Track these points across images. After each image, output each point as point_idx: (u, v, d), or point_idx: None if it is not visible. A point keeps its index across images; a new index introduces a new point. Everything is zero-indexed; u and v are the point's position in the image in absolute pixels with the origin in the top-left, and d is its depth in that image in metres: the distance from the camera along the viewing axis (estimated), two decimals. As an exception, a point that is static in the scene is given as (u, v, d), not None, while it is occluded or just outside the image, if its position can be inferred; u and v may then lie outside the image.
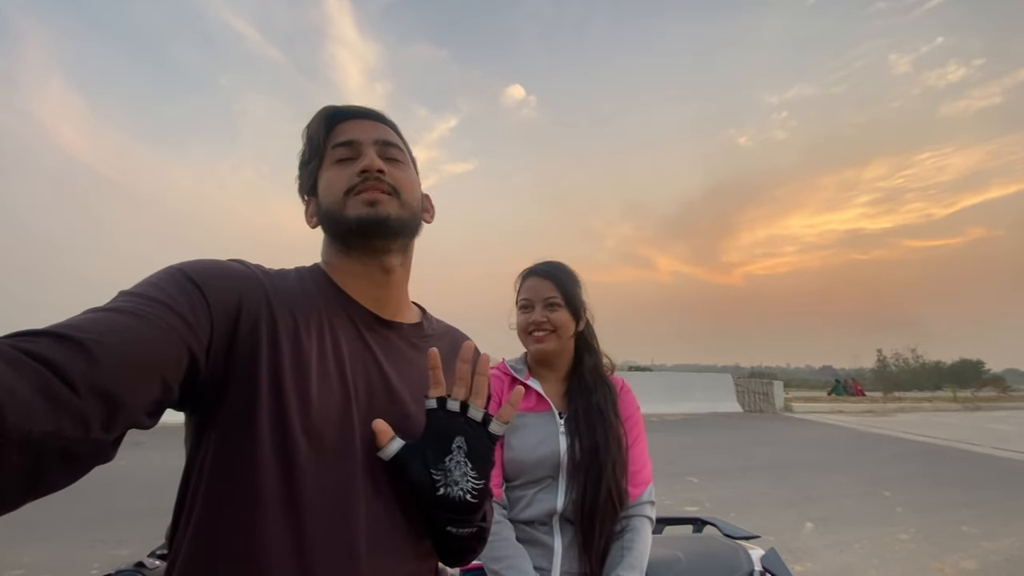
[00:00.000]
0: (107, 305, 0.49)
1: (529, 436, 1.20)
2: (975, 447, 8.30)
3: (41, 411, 0.37)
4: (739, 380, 14.70)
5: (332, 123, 0.72)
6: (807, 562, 3.34)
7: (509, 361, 1.37)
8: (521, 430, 1.20)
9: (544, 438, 1.19)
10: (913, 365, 33.23)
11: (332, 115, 0.72)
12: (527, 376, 1.28)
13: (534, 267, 1.31)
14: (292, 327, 0.61)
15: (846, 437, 9.44)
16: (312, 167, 0.73)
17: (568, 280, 1.27)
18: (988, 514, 4.46)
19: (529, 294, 1.27)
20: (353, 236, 0.68)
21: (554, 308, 1.24)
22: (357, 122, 0.73)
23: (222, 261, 0.62)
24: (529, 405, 1.25)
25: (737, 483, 5.48)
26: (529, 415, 1.23)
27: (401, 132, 0.78)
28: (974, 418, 13.55)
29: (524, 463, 1.17)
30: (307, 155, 0.73)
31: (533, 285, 1.27)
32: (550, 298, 1.25)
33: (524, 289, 1.30)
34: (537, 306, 1.25)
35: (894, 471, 6.29)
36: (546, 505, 1.15)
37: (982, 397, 21.19)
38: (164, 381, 0.48)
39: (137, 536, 3.50)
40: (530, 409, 1.24)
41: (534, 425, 1.22)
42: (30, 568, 2.97)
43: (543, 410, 1.24)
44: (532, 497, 1.17)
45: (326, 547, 0.55)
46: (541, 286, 1.26)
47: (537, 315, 1.24)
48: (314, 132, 0.71)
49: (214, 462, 0.55)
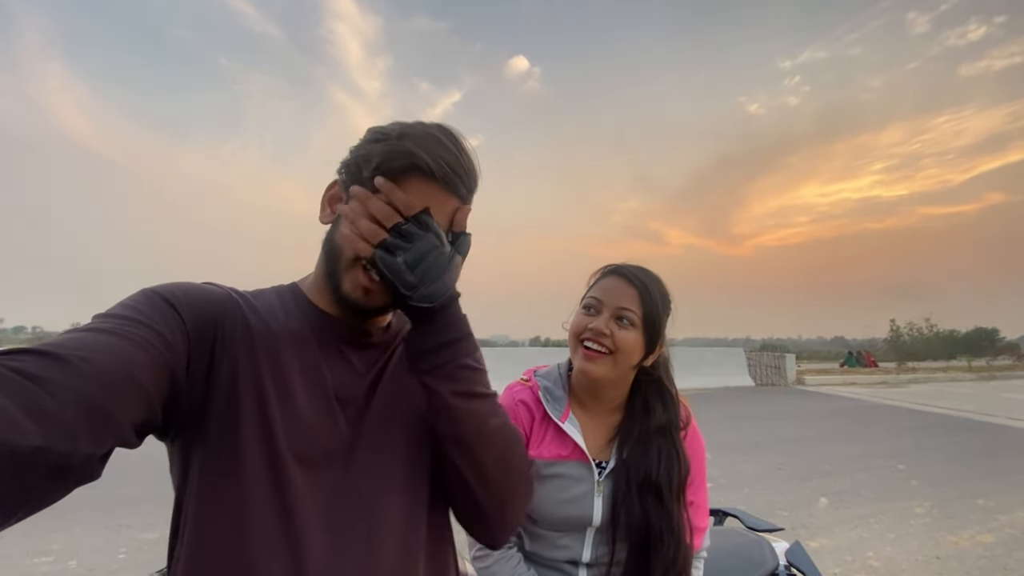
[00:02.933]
0: (85, 326, 0.50)
1: (558, 491, 1.00)
2: (990, 417, 8.24)
3: (29, 426, 0.37)
4: (751, 354, 14.65)
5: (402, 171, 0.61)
6: (822, 538, 3.35)
7: (541, 377, 1.09)
8: (552, 481, 1.00)
9: (576, 496, 0.99)
10: (927, 335, 32.90)
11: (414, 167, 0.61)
12: (565, 415, 1.03)
13: (621, 266, 1.03)
14: (272, 346, 0.61)
15: (859, 409, 9.41)
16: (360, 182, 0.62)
17: (658, 297, 1.00)
18: (1004, 486, 4.44)
19: (600, 294, 1.01)
20: (340, 304, 0.66)
21: (625, 324, 0.98)
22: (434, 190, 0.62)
23: (197, 283, 0.62)
24: (562, 453, 1.01)
25: (750, 458, 5.49)
26: (561, 464, 1.01)
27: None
28: (989, 387, 13.43)
29: (549, 518, 1.01)
30: (364, 168, 0.62)
31: (610, 286, 1.01)
32: (625, 309, 0.98)
33: (597, 287, 1.03)
34: (605, 312, 0.99)
35: (908, 443, 6.27)
36: (571, 553, 1.01)
37: (997, 366, 20.98)
38: (148, 397, 0.49)
39: (165, 519, 3.59)
40: (563, 457, 1.01)
41: (566, 477, 1.01)
42: (59, 554, 3.06)
43: (579, 459, 1.02)
44: (555, 541, 1.02)
45: (323, 565, 0.55)
46: (621, 290, 1.00)
47: (600, 323, 0.98)
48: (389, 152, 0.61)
49: (202, 486, 0.55)
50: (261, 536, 0.54)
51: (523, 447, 0.69)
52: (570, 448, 1.02)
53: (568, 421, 1.03)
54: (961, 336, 37.12)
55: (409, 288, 0.58)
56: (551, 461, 1.01)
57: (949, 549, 3.20)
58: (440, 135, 0.62)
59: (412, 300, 0.59)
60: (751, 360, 14.31)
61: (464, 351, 0.64)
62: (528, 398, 1.06)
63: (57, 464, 0.40)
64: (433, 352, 0.62)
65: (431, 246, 0.59)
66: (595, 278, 1.06)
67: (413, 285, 0.58)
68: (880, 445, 6.17)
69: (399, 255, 0.58)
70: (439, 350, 0.62)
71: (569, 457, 1.01)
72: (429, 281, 0.59)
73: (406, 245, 0.58)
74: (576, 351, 1.01)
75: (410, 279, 0.58)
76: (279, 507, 0.55)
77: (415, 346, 0.63)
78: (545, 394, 1.05)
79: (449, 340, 0.62)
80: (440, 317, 0.62)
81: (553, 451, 1.02)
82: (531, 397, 1.06)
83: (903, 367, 20.47)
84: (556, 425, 1.03)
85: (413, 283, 0.58)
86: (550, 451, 1.02)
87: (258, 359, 0.59)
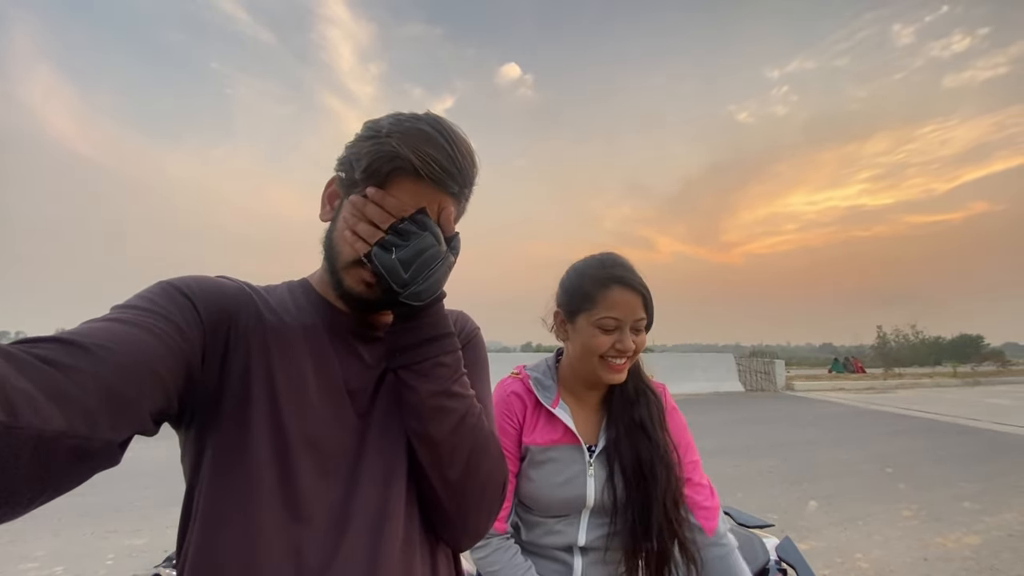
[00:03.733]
0: (104, 317, 0.50)
1: (553, 474, 1.04)
2: (975, 422, 8.37)
3: (53, 411, 0.38)
4: (741, 359, 14.78)
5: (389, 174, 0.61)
6: (812, 540, 3.38)
7: (531, 370, 1.14)
8: (546, 465, 1.04)
9: (569, 478, 1.03)
10: (913, 341, 33.36)
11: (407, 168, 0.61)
12: (556, 401, 1.08)
13: (623, 276, 1.01)
14: (285, 338, 0.62)
15: (847, 414, 9.51)
16: (361, 184, 0.62)
17: (650, 293, 1.03)
18: (989, 489, 4.51)
19: (617, 312, 1.00)
20: (344, 300, 0.67)
21: (640, 332, 1.02)
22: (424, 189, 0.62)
23: (211, 277, 0.63)
24: (554, 437, 1.05)
25: (741, 462, 5.53)
26: (554, 449, 1.05)
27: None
28: (974, 393, 13.65)
29: (544, 502, 1.04)
30: (363, 169, 0.62)
31: (622, 301, 1.00)
32: (640, 320, 1.01)
33: (609, 303, 1.00)
34: (626, 328, 1.00)
35: (895, 447, 6.36)
36: (567, 538, 1.04)
37: (982, 372, 21.32)
38: (164, 386, 0.50)
39: (152, 525, 3.55)
40: (555, 442, 1.05)
41: (559, 461, 1.04)
42: (44, 561, 3.01)
43: (571, 443, 1.06)
44: (551, 527, 1.05)
45: (328, 555, 0.56)
46: (633, 304, 1.00)
47: (627, 342, 1.00)
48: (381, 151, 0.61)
49: (213, 475, 0.56)
50: (269, 522, 0.55)
51: (498, 455, 0.67)
52: (561, 432, 1.05)
53: (559, 407, 1.07)
54: (946, 343, 37.67)
55: (402, 285, 0.59)
56: (544, 447, 1.05)
57: (936, 551, 3.25)
58: (431, 130, 0.61)
59: (402, 297, 0.60)
60: (741, 366, 14.43)
61: (442, 349, 0.64)
62: (519, 389, 1.10)
63: (79, 448, 0.41)
64: (412, 348, 0.63)
65: (427, 244, 0.60)
66: (596, 288, 1.02)
67: (406, 283, 0.59)
68: (868, 449, 6.25)
69: (395, 252, 0.59)
70: (419, 346, 0.63)
71: (560, 441, 1.05)
72: (422, 279, 0.60)
73: (402, 243, 0.59)
74: (601, 367, 1.02)
75: (404, 276, 0.59)
76: (288, 493, 0.56)
77: (395, 341, 0.64)
78: (536, 384, 1.09)
79: (429, 337, 0.64)
80: (423, 314, 0.63)
81: (546, 436, 1.06)
82: (522, 388, 1.10)
83: (890, 373, 20.71)
84: (548, 412, 1.07)
85: (406, 280, 0.59)
86: (543, 436, 1.05)
87: (271, 351, 0.60)
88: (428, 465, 0.63)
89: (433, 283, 0.62)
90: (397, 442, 0.65)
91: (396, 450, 0.64)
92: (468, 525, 0.67)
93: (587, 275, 1.04)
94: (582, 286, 1.04)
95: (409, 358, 0.63)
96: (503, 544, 1.02)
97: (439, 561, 0.68)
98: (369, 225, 0.60)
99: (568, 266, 1.11)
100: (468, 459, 0.63)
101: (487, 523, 0.68)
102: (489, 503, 0.67)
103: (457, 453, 0.63)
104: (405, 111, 0.65)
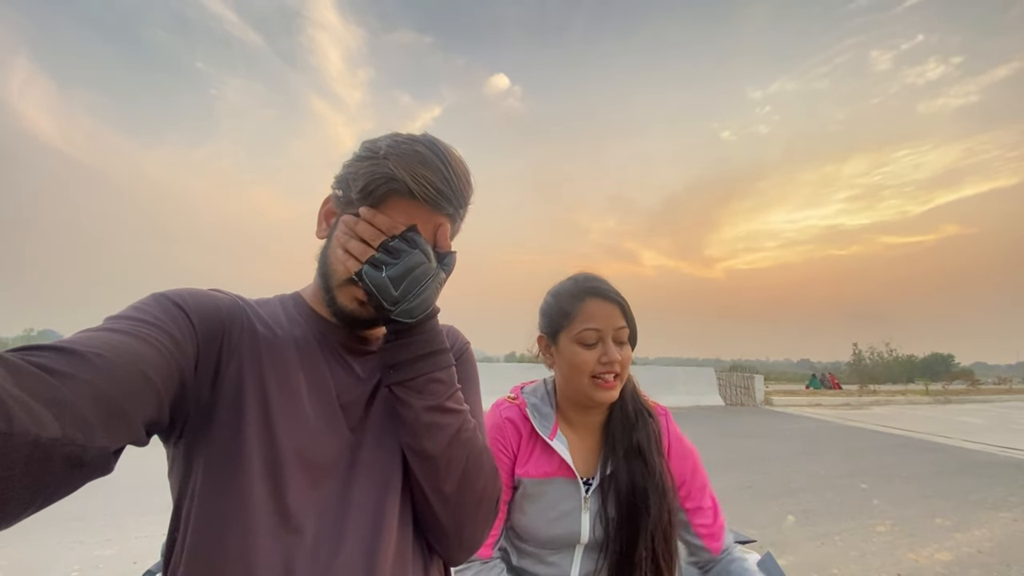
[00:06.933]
0: (98, 327, 0.51)
1: (546, 509, 1.00)
2: (947, 440, 8.57)
3: (48, 417, 0.38)
4: (721, 374, 14.94)
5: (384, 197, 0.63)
6: (789, 555, 3.42)
7: (528, 394, 1.09)
8: (540, 500, 1.00)
9: (564, 513, 0.99)
10: (887, 359, 34.11)
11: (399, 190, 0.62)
12: (553, 433, 1.03)
13: (597, 286, 1.00)
14: (278, 351, 0.63)
15: (824, 430, 9.66)
16: (356, 204, 0.64)
17: (628, 305, 1.01)
18: (960, 506, 4.61)
19: (598, 323, 0.97)
20: (337, 317, 0.68)
21: (623, 345, 0.99)
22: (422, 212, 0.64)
23: (204, 289, 0.64)
24: (549, 470, 1.01)
25: (721, 476, 5.56)
26: (549, 482, 1.01)
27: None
28: (945, 411, 13.97)
29: (537, 536, 1.01)
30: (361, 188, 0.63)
31: (599, 311, 0.98)
32: (620, 330, 0.98)
33: (586, 315, 0.98)
34: (607, 340, 0.97)
35: (870, 463, 6.47)
36: (559, 570, 1.01)
37: (952, 390, 21.89)
38: (158, 396, 0.50)
39: (122, 535, 3.43)
40: (550, 475, 1.01)
41: (554, 495, 1.01)
42: (7, 571, 2.89)
43: (567, 476, 1.01)
44: (544, 557, 1.02)
45: (321, 570, 0.56)
46: (610, 312, 0.98)
47: (613, 354, 0.97)
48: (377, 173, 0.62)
49: (205, 486, 0.56)
50: (261, 536, 0.54)
51: (492, 469, 0.68)
52: (556, 464, 1.01)
53: (556, 438, 1.02)
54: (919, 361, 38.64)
55: (392, 303, 0.60)
56: (539, 479, 1.01)
57: (910, 566, 3.30)
58: (427, 152, 0.63)
59: (393, 314, 0.61)
60: (721, 380, 14.58)
61: (436, 365, 0.65)
62: (515, 416, 1.05)
63: (74, 456, 0.41)
64: (407, 364, 0.64)
65: (417, 262, 0.61)
66: (572, 303, 1.00)
67: (396, 300, 0.60)
68: (844, 465, 6.35)
69: (385, 271, 0.60)
70: (413, 363, 0.64)
71: (556, 474, 1.01)
72: (412, 297, 0.61)
73: (392, 261, 0.60)
74: (591, 387, 0.98)
75: (394, 294, 0.60)
76: (280, 507, 0.56)
77: (389, 358, 0.64)
78: (533, 411, 1.05)
79: (423, 353, 0.64)
80: (416, 331, 0.64)
81: (541, 469, 1.02)
82: (518, 415, 1.05)
83: (865, 390, 21.13)
84: (544, 442, 1.03)
85: (396, 298, 0.60)
86: (537, 469, 1.02)
87: (264, 363, 0.61)
88: (423, 479, 0.63)
89: (424, 300, 0.62)
90: (390, 455, 0.65)
91: (389, 464, 0.64)
92: (463, 538, 0.67)
93: (563, 294, 1.04)
94: (559, 305, 1.03)
95: (403, 374, 0.63)
96: (487, 565, 0.99)
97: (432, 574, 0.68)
98: (360, 243, 0.61)
99: (550, 285, 1.10)
100: (463, 472, 0.64)
101: (482, 536, 0.69)
102: (484, 516, 0.68)
103: (452, 467, 0.63)
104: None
